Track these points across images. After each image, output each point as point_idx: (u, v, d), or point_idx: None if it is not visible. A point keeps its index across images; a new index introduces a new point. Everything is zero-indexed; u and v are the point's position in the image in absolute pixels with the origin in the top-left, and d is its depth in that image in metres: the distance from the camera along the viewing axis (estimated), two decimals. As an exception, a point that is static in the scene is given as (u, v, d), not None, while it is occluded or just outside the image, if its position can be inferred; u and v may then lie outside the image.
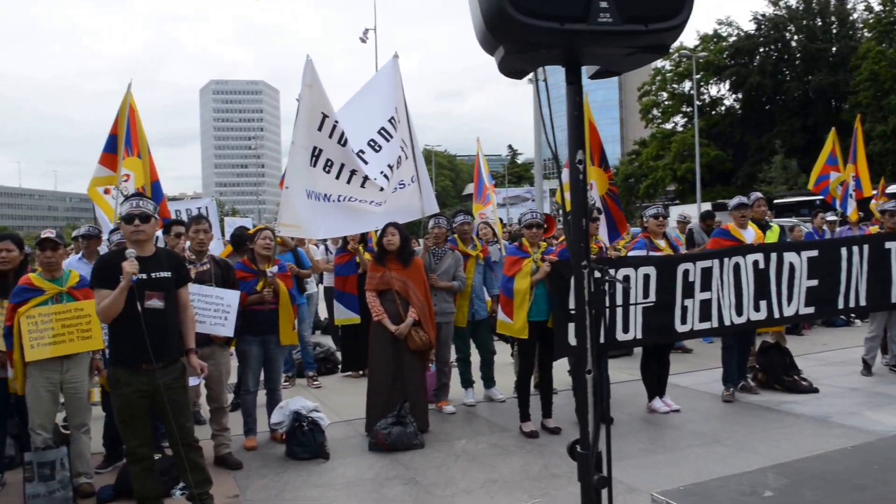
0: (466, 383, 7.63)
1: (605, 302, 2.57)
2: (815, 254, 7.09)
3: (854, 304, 7.36)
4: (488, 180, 10.84)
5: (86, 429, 5.23)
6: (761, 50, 54.61)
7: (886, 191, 18.67)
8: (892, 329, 8.21)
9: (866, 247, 7.37)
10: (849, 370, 8.43)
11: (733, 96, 57.23)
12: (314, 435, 5.91)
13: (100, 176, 7.57)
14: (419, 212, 7.54)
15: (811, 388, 7.50)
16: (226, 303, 5.64)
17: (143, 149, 7.66)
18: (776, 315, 6.93)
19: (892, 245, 7.52)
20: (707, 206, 23.72)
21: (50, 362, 4.97)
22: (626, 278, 6.21)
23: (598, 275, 2.51)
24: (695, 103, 45.91)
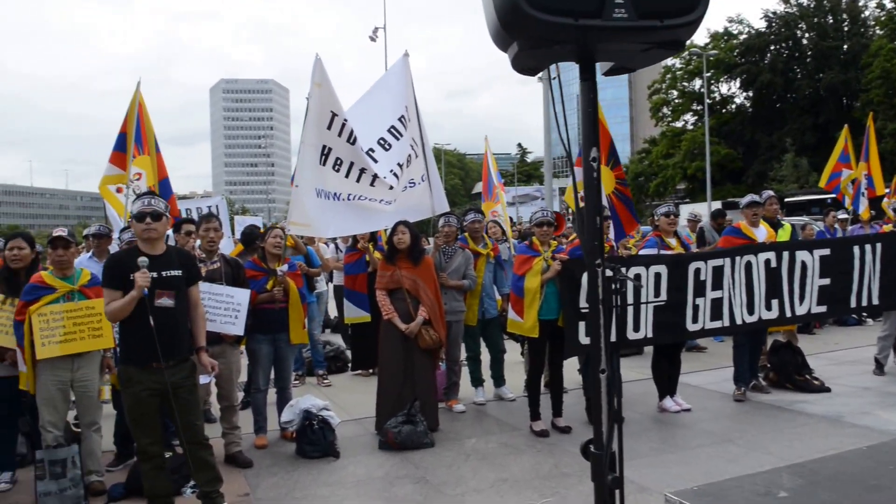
0: (477, 382, 7.62)
1: (619, 300, 2.55)
2: (827, 252, 7.04)
3: (867, 303, 7.29)
4: (497, 179, 10.83)
5: (97, 427, 5.25)
6: (772, 48, 54.33)
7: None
8: (904, 328, 8.13)
9: (879, 245, 7.29)
10: (861, 369, 8.38)
11: (744, 94, 57.01)
12: (324, 433, 5.91)
13: (110, 174, 7.59)
14: (429, 210, 7.52)
15: (823, 388, 7.46)
16: (236, 301, 5.65)
17: (151, 145, 7.67)
18: (788, 314, 6.88)
19: (905, 243, 7.44)
20: (717, 205, 23.65)
21: (61, 360, 4.98)
22: (638, 277, 6.18)
23: (611, 273, 2.49)
24: (705, 101, 45.69)
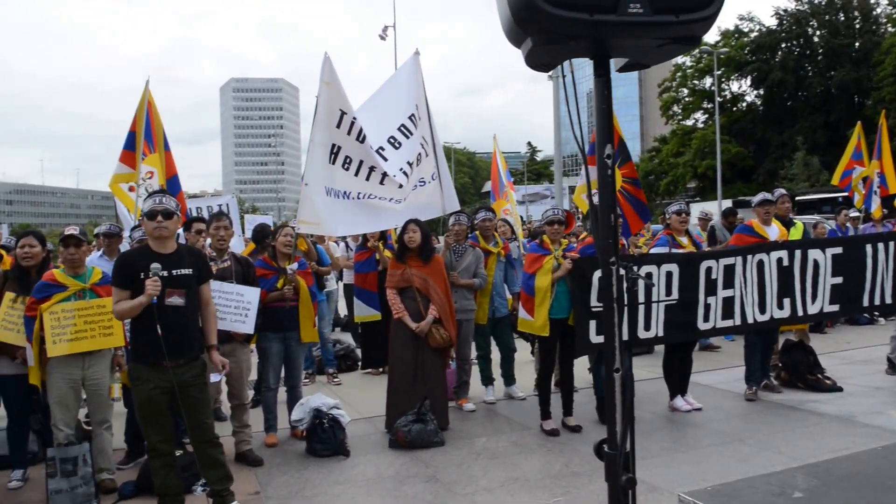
0: (487, 381, 7.60)
1: (631, 299, 2.53)
2: (839, 251, 6.98)
3: (879, 302, 7.22)
4: (506, 177, 10.81)
5: (107, 425, 5.27)
6: (783, 45, 54.01)
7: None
8: (918, 328, 8.08)
9: (892, 244, 7.22)
10: (873, 369, 8.32)
11: (755, 92, 56.72)
12: (334, 432, 5.91)
13: (120, 173, 7.61)
14: (440, 209, 7.50)
15: (835, 387, 7.41)
16: (246, 300, 5.65)
17: (160, 143, 7.68)
18: (800, 313, 6.83)
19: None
20: (728, 204, 23.52)
21: (72, 358, 4.99)
22: (649, 275, 6.15)
23: (623, 272, 2.47)
24: (716, 99, 45.46)
